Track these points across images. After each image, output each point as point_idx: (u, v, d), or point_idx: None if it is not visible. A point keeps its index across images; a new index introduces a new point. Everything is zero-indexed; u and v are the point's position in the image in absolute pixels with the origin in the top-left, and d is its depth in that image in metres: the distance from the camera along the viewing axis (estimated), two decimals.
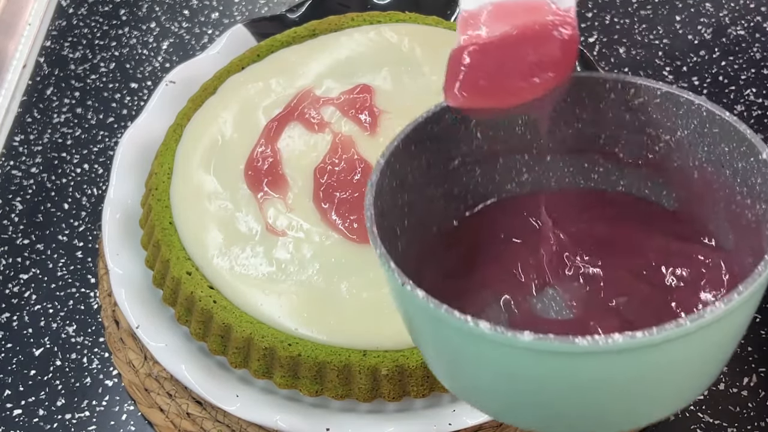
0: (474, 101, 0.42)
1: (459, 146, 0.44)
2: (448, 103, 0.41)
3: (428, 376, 0.51)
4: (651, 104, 0.43)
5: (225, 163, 0.58)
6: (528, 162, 0.46)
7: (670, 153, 0.44)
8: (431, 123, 0.42)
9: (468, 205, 0.45)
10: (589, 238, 0.44)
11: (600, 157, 0.46)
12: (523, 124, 0.45)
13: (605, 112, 0.44)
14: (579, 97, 0.44)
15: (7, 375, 0.59)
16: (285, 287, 0.53)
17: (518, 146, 0.45)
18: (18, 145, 0.71)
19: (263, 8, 0.80)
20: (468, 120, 0.43)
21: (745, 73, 0.72)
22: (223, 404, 0.52)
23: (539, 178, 0.46)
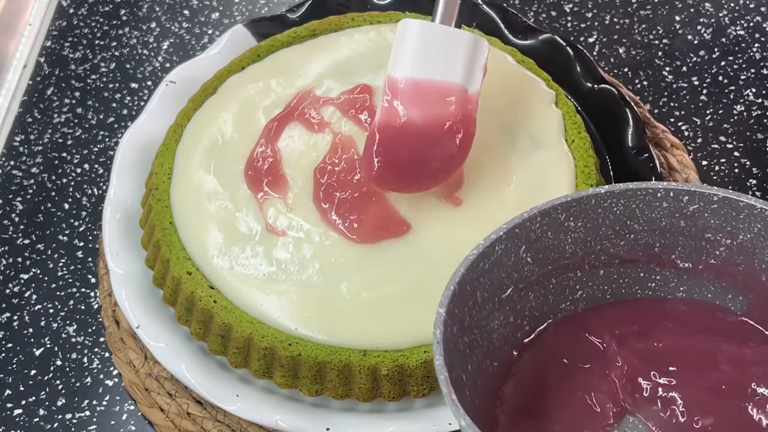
0: (385, 188, 0.54)
1: (511, 275, 0.43)
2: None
3: (428, 376, 0.51)
4: (708, 210, 0.42)
5: (225, 163, 0.58)
6: (581, 278, 0.45)
7: (732, 257, 0.42)
8: (482, 259, 0.41)
9: (525, 332, 0.44)
10: (658, 353, 0.42)
11: (656, 266, 0.45)
12: (573, 243, 0.44)
13: (658, 221, 0.43)
14: (630, 208, 0.43)
15: (7, 375, 0.59)
16: (285, 287, 0.53)
17: (570, 264, 0.44)
18: (18, 145, 0.71)
19: (263, 8, 0.80)
20: (518, 247, 0.42)
21: (744, 73, 0.72)
22: (223, 404, 0.52)
23: (594, 293, 0.45)
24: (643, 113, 0.68)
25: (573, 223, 0.43)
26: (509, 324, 0.43)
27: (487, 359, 0.42)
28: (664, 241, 0.44)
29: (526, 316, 0.44)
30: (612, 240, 0.44)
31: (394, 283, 0.52)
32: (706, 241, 0.43)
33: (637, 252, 0.44)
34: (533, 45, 0.67)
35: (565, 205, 0.43)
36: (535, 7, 0.77)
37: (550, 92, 0.61)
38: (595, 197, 0.43)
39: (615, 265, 0.45)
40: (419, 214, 0.55)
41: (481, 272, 0.41)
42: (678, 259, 0.44)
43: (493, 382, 0.42)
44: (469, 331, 0.41)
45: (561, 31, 0.75)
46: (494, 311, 0.42)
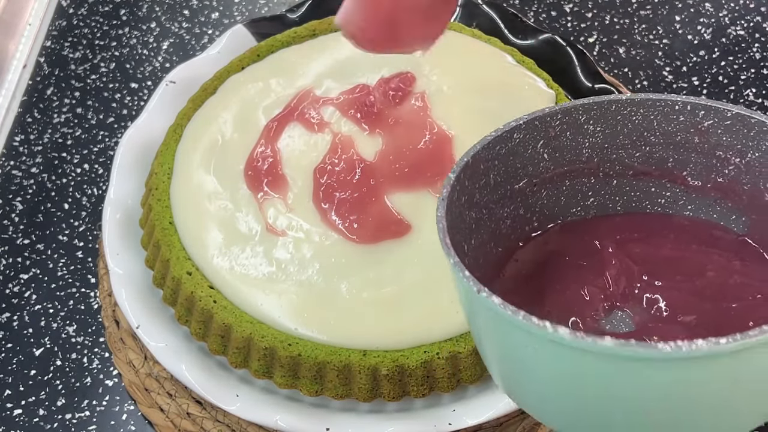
0: (364, 45, 0.47)
1: (526, 167, 0.44)
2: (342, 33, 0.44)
3: (428, 376, 0.51)
4: (721, 126, 0.43)
5: (225, 163, 0.58)
6: (594, 186, 0.46)
7: (740, 176, 0.43)
8: (500, 143, 0.42)
9: (533, 227, 0.45)
10: (653, 259, 0.43)
11: (668, 181, 0.46)
12: (590, 147, 0.45)
13: (674, 135, 0.44)
14: (648, 119, 0.44)
15: (7, 375, 0.59)
16: (285, 287, 0.53)
17: (585, 169, 0.45)
18: (18, 145, 0.71)
19: (263, 8, 0.80)
20: (536, 141, 0.43)
21: (744, 73, 0.72)
22: (223, 404, 0.52)
23: (605, 202, 0.46)
24: None
25: (592, 126, 0.44)
26: (519, 216, 0.45)
27: (492, 241, 0.43)
28: (677, 156, 0.45)
29: (536, 212, 0.45)
30: (628, 150, 0.45)
31: (394, 283, 0.52)
32: (717, 159, 0.44)
33: (651, 165, 0.45)
34: (533, 45, 0.67)
35: (586, 107, 0.44)
36: (535, 7, 0.77)
37: (550, 92, 0.61)
38: (616, 103, 0.44)
39: (628, 177, 0.46)
40: (419, 215, 0.55)
41: (497, 155, 0.43)
42: (689, 176, 0.45)
43: (495, 265, 0.43)
44: (477, 208, 0.42)
45: (561, 31, 0.75)
46: (505, 198, 0.44)
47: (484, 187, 0.43)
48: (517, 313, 0.33)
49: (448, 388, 0.52)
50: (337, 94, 0.60)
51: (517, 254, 0.44)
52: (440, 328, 0.51)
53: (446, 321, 0.51)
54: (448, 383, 0.52)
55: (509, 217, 0.44)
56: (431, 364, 0.51)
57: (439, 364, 0.51)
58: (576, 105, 0.43)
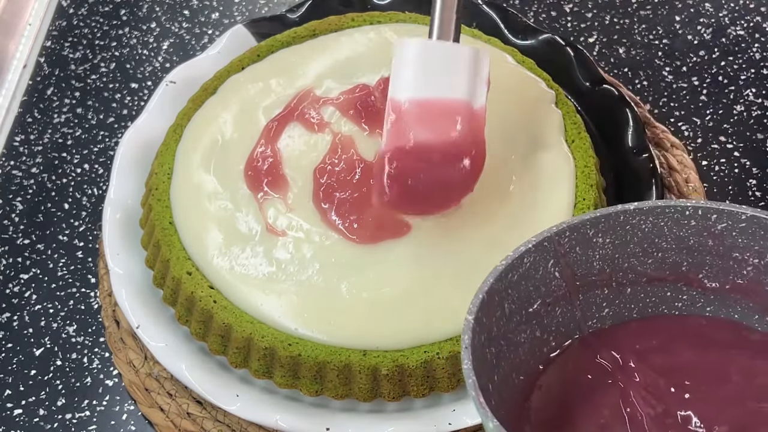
0: (401, 212, 0.53)
1: (538, 288, 0.43)
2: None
3: (428, 376, 0.51)
4: (736, 229, 0.42)
5: (225, 163, 0.58)
6: (608, 296, 0.45)
7: (759, 276, 0.42)
8: (511, 270, 0.41)
9: (551, 347, 0.44)
10: (676, 368, 0.42)
11: (683, 285, 0.45)
12: (600, 259, 0.44)
13: (687, 240, 0.43)
14: (658, 226, 0.43)
15: (7, 375, 0.59)
16: (285, 287, 0.53)
17: (597, 281, 0.44)
18: (18, 145, 0.71)
19: (263, 8, 0.80)
20: (546, 261, 0.42)
21: (744, 73, 0.72)
22: (223, 404, 0.52)
23: (621, 311, 0.45)
24: (643, 113, 0.68)
25: (601, 239, 0.43)
26: (536, 338, 0.43)
27: (513, 372, 0.42)
28: (691, 260, 0.44)
29: (552, 332, 0.44)
30: (640, 258, 0.44)
31: (394, 283, 0.52)
32: (734, 261, 0.43)
33: (665, 270, 0.44)
34: (533, 45, 0.67)
35: (594, 221, 0.43)
36: (535, 7, 0.77)
37: (550, 92, 0.61)
38: (624, 214, 0.43)
39: (642, 284, 0.45)
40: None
41: (509, 283, 0.41)
42: (705, 279, 0.44)
43: (519, 396, 0.42)
44: (496, 342, 0.41)
45: (561, 31, 0.75)
46: (521, 324, 0.43)
47: (500, 318, 0.41)
48: None
49: (448, 388, 0.52)
50: (337, 94, 0.60)
51: (540, 380, 0.43)
52: (440, 328, 0.51)
53: (446, 321, 0.51)
54: (448, 383, 0.52)
55: (526, 342, 0.43)
56: (431, 364, 0.51)
57: (439, 364, 0.51)
58: (583, 220, 0.42)
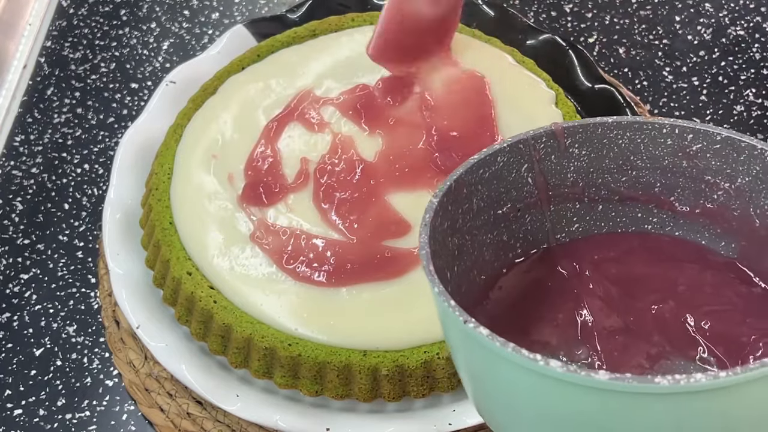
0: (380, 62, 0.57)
1: (510, 191, 0.43)
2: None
3: (428, 376, 0.51)
4: (710, 150, 0.42)
5: (225, 163, 0.58)
6: (579, 211, 0.45)
7: (729, 201, 0.42)
8: (483, 166, 0.41)
9: (517, 253, 0.44)
10: (629, 278, 0.42)
11: (654, 207, 0.45)
12: (575, 171, 0.44)
13: (661, 159, 0.43)
14: (634, 143, 0.43)
15: (7, 375, 0.59)
16: (285, 287, 0.53)
17: (570, 194, 0.44)
18: (18, 145, 0.71)
19: (263, 8, 0.80)
20: (520, 164, 0.43)
21: (744, 73, 0.72)
22: (223, 404, 0.52)
23: (591, 227, 0.45)
24: (643, 113, 0.68)
25: (577, 150, 0.43)
26: (502, 242, 0.44)
27: (475, 269, 0.42)
28: (664, 181, 0.44)
29: (519, 239, 0.44)
30: (614, 174, 0.44)
31: (394, 284, 0.52)
32: (706, 184, 0.43)
33: (638, 190, 0.44)
34: (533, 45, 0.67)
35: (572, 130, 0.43)
36: (535, 7, 0.77)
37: (550, 92, 0.61)
38: (602, 126, 0.43)
39: (614, 202, 0.45)
40: (419, 215, 0.54)
41: (480, 179, 0.42)
42: (676, 202, 0.44)
43: (478, 293, 0.42)
44: (460, 234, 0.41)
45: (561, 31, 0.75)
46: (489, 224, 0.43)
47: (467, 212, 0.42)
48: (506, 345, 0.33)
49: (448, 388, 0.52)
50: (337, 94, 0.60)
51: (500, 281, 0.43)
52: (440, 328, 0.51)
53: None
54: (448, 383, 0.52)
55: (492, 244, 0.43)
56: (431, 364, 0.51)
57: (439, 364, 0.51)
58: (560, 128, 0.43)
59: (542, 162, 0.43)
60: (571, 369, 0.31)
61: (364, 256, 0.53)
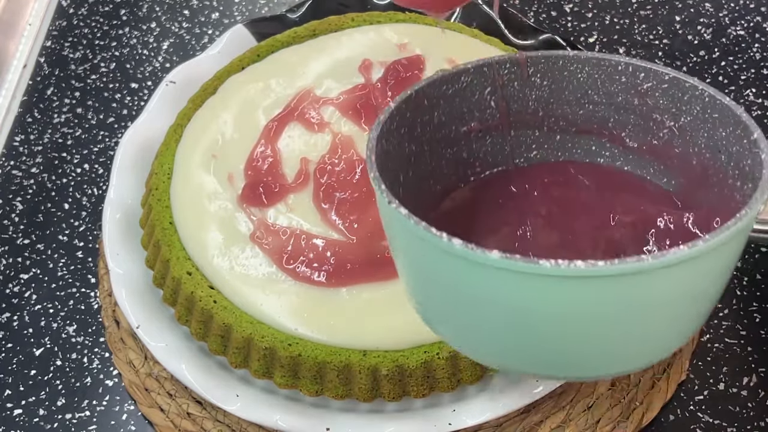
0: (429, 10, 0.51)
1: (472, 112, 0.45)
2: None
3: (428, 376, 0.51)
4: (659, 89, 0.44)
5: (225, 163, 0.58)
6: (538, 139, 0.48)
7: (672, 139, 0.45)
8: (446, 83, 0.44)
9: (475, 171, 0.47)
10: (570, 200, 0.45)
11: (607, 141, 0.47)
12: (536, 100, 0.46)
13: (615, 96, 0.46)
14: (592, 78, 0.46)
15: (7, 375, 0.59)
16: (285, 287, 0.53)
17: (530, 121, 0.47)
18: (18, 145, 0.71)
19: (263, 8, 0.80)
20: (483, 87, 0.45)
21: (744, 73, 0.72)
22: (223, 404, 0.52)
23: (548, 156, 0.48)
24: None
25: (539, 80, 0.46)
26: (462, 159, 0.46)
27: (431, 179, 0.45)
28: (617, 117, 0.47)
29: (479, 158, 0.47)
30: (572, 106, 0.47)
31: (394, 284, 0.52)
32: (653, 122, 0.46)
33: (593, 124, 0.47)
34: (533, 45, 0.67)
35: (535, 60, 0.46)
36: (535, 7, 0.77)
37: None
38: (563, 59, 0.46)
39: (571, 133, 0.48)
40: None
41: (443, 94, 0.44)
42: (627, 137, 0.47)
43: (431, 201, 0.45)
44: (418, 143, 0.44)
45: (561, 31, 0.75)
46: (448, 139, 0.45)
47: (427, 123, 0.44)
48: (419, 224, 0.35)
49: (448, 388, 0.52)
50: (337, 94, 0.60)
51: (453, 193, 0.46)
52: None
53: None
54: (448, 383, 0.52)
55: (452, 159, 0.46)
56: (431, 364, 0.51)
57: (439, 364, 0.51)
58: (524, 57, 0.45)
59: (505, 87, 0.46)
60: (469, 246, 0.34)
61: (364, 256, 0.53)
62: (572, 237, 0.44)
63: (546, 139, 0.48)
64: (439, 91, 0.44)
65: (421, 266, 0.38)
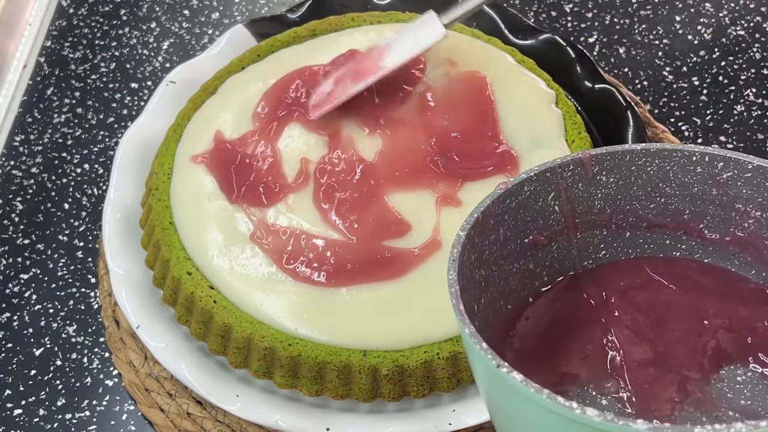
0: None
1: (536, 220, 0.43)
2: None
3: (428, 376, 0.51)
4: (741, 179, 0.41)
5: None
6: (606, 238, 0.44)
7: (760, 230, 0.42)
8: (510, 196, 0.41)
9: (543, 282, 0.44)
10: (655, 305, 0.42)
11: (683, 234, 0.44)
12: (602, 198, 0.43)
13: (691, 186, 0.43)
14: (663, 170, 0.42)
15: (7, 375, 0.59)
16: (285, 287, 0.53)
17: (596, 221, 0.44)
18: (18, 145, 0.71)
19: (263, 8, 0.80)
20: (547, 193, 0.42)
21: (745, 73, 0.72)
22: (223, 404, 0.52)
23: (618, 254, 0.45)
24: (643, 113, 0.68)
25: (605, 177, 0.43)
26: (528, 270, 0.43)
27: (501, 299, 0.42)
28: (694, 208, 0.43)
29: (546, 266, 0.44)
30: (642, 201, 0.44)
31: (394, 284, 0.52)
32: (736, 212, 0.42)
33: (666, 217, 0.44)
34: (533, 45, 0.67)
35: (599, 157, 0.42)
36: (535, 7, 0.77)
37: (550, 92, 0.61)
38: (630, 153, 0.42)
39: (642, 228, 0.44)
40: (419, 215, 0.55)
41: (507, 209, 0.41)
42: (706, 229, 0.44)
43: (504, 324, 0.42)
44: (487, 265, 0.41)
45: (561, 31, 0.75)
46: (515, 253, 0.42)
47: (493, 242, 0.41)
48: (541, 392, 0.32)
49: (448, 388, 0.52)
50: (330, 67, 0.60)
51: (527, 311, 0.43)
52: (440, 328, 0.51)
53: (446, 321, 0.51)
54: (448, 383, 0.52)
55: (519, 273, 0.43)
56: (431, 364, 0.51)
57: (439, 364, 0.51)
58: (588, 156, 0.42)
59: (569, 190, 0.43)
60: (608, 418, 0.31)
61: (364, 256, 0.53)
62: (664, 349, 0.40)
63: (615, 237, 0.44)
64: (504, 206, 0.41)
65: (529, 424, 0.35)
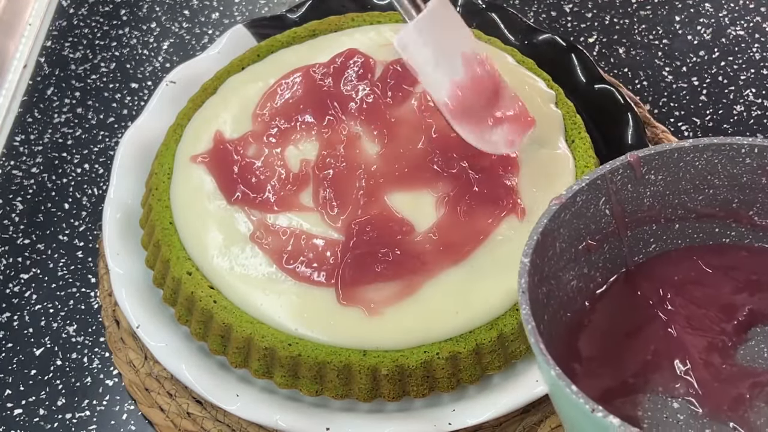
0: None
1: (588, 226, 0.43)
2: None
3: (428, 376, 0.51)
4: None
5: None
6: (656, 232, 0.45)
7: None
8: (564, 210, 0.41)
9: (597, 283, 0.44)
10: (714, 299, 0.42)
11: (733, 221, 0.45)
12: (651, 196, 0.44)
13: (740, 177, 0.43)
14: (711, 163, 0.43)
15: (7, 375, 0.59)
16: (285, 287, 0.53)
17: (646, 217, 0.44)
18: (18, 145, 0.71)
19: (263, 8, 0.80)
20: (598, 199, 0.42)
21: (744, 73, 0.72)
22: (223, 404, 0.52)
23: (668, 246, 0.45)
24: (643, 113, 0.68)
25: (654, 176, 0.43)
26: (583, 275, 0.43)
27: (561, 309, 0.42)
28: (743, 197, 0.44)
29: (599, 268, 0.44)
30: (690, 194, 0.44)
31: (394, 284, 0.52)
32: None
33: (715, 207, 0.44)
34: (533, 45, 0.67)
35: (648, 158, 0.43)
36: (535, 7, 0.77)
37: (550, 92, 0.61)
38: (678, 151, 0.43)
39: (691, 220, 0.45)
40: (419, 215, 0.55)
41: (562, 222, 0.41)
42: (756, 216, 0.44)
43: (567, 334, 0.42)
44: (547, 281, 0.41)
45: (561, 31, 0.75)
46: (570, 262, 0.43)
47: (551, 258, 0.41)
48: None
49: (448, 388, 0.52)
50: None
51: (587, 318, 0.43)
52: (440, 328, 0.51)
53: (446, 321, 0.51)
54: (448, 383, 0.52)
55: (574, 279, 0.43)
56: (431, 364, 0.51)
57: (439, 364, 0.51)
58: (637, 158, 0.42)
59: (619, 192, 0.43)
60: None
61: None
62: (730, 344, 0.40)
63: (664, 230, 0.45)
64: (559, 220, 0.41)
65: None
